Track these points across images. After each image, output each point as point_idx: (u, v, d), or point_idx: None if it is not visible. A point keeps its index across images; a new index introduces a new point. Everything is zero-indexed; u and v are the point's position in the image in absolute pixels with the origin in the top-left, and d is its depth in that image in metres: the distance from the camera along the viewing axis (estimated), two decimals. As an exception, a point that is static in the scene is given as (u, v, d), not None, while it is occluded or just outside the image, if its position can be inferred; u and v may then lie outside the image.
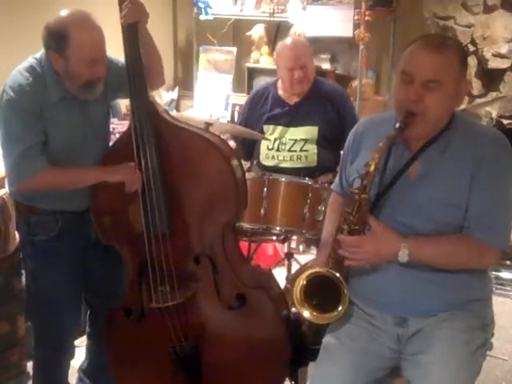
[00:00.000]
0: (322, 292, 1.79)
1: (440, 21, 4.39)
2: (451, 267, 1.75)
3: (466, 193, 1.72)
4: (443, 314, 1.79)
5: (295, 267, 2.96)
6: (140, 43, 2.08)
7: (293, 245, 3.36)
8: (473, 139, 1.76)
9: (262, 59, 4.94)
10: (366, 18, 4.12)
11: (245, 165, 2.92)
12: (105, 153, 2.23)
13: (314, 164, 3.06)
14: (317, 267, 1.85)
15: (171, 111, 4.66)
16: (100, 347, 2.36)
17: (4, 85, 2.07)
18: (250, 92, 3.58)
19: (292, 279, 2.66)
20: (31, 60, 2.12)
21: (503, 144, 1.77)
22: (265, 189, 2.52)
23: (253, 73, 4.93)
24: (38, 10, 3.60)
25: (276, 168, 3.05)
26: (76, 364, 2.57)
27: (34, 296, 2.32)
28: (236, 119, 4.86)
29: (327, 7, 4.48)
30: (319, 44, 4.43)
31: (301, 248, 3.99)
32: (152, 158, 2.07)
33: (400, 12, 4.61)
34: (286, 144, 3.07)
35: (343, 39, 4.52)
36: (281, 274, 2.79)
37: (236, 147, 3.14)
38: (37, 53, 2.13)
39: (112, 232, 2.19)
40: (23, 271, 2.44)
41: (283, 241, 2.94)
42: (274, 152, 3.10)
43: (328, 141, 3.05)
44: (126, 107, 4.01)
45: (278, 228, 2.55)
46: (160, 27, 5.13)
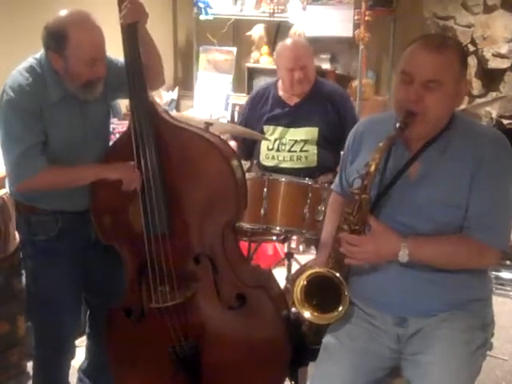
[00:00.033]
0: (323, 292, 1.79)
1: (440, 21, 4.39)
2: (451, 267, 1.75)
3: (466, 193, 1.72)
4: (443, 314, 1.79)
5: (295, 267, 2.96)
6: (139, 43, 2.08)
7: (293, 245, 3.36)
8: (473, 139, 1.76)
9: (262, 59, 4.94)
10: (366, 18, 4.12)
11: (245, 165, 2.92)
12: (105, 152, 2.23)
13: (314, 164, 3.05)
14: (317, 267, 1.85)
15: (171, 111, 4.66)
16: (100, 347, 2.36)
17: (4, 85, 2.07)
18: (250, 92, 3.58)
19: (292, 279, 2.66)
20: (31, 60, 2.12)
21: (503, 144, 1.77)
22: (265, 189, 2.52)
23: (253, 73, 4.93)
24: (38, 10, 3.60)
25: (276, 168, 3.05)
26: (76, 364, 2.57)
27: (35, 296, 2.32)
28: (236, 119, 4.87)
29: (327, 7, 4.48)
30: (319, 44, 4.43)
31: (301, 248, 3.99)
32: (152, 158, 2.07)
33: (400, 12, 4.61)
34: (286, 144, 3.07)
35: (343, 39, 4.52)
36: (281, 274, 2.79)
37: (236, 147, 3.13)
38: (37, 53, 2.13)
39: (112, 232, 2.19)
40: (23, 271, 2.44)
41: (283, 241, 2.94)
42: (274, 152, 3.10)
43: (328, 141, 3.04)
44: (126, 107, 4.01)
45: (278, 228, 2.56)
46: (160, 27, 5.13)
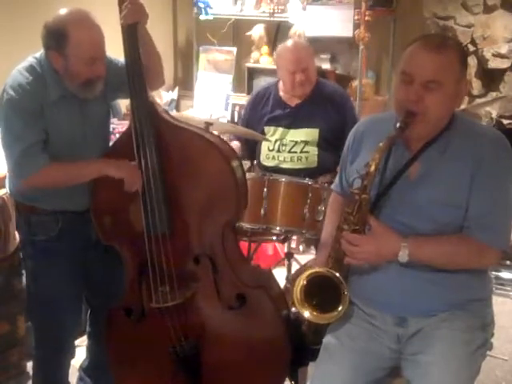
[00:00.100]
0: (322, 292, 1.79)
1: (440, 21, 4.39)
2: (451, 267, 1.75)
3: (466, 193, 1.72)
4: (443, 314, 1.79)
5: (295, 267, 2.96)
6: (139, 43, 2.08)
7: (293, 245, 3.36)
8: (473, 139, 1.76)
9: (262, 59, 4.94)
10: (366, 18, 4.12)
11: (245, 165, 2.92)
12: (105, 152, 2.23)
13: (315, 165, 3.05)
14: (317, 267, 1.84)
15: (171, 111, 4.66)
16: (101, 346, 2.35)
17: (4, 84, 2.07)
18: (250, 92, 3.57)
19: (292, 279, 2.66)
20: (31, 59, 2.12)
21: (503, 144, 1.77)
22: (265, 189, 2.52)
23: (253, 73, 4.93)
24: (38, 10, 3.60)
25: (276, 168, 3.05)
26: (76, 363, 2.57)
27: (35, 296, 2.32)
28: (236, 119, 4.88)
29: (327, 7, 4.48)
30: (319, 44, 4.43)
31: (301, 248, 3.99)
32: (152, 158, 2.07)
33: (400, 12, 4.61)
34: (287, 145, 3.06)
35: (343, 39, 4.52)
36: (281, 274, 2.79)
37: (240, 147, 3.13)
38: (37, 53, 2.13)
39: (112, 232, 2.19)
40: (23, 271, 2.44)
41: (283, 241, 2.94)
42: (275, 153, 3.10)
43: (329, 143, 3.03)
44: (126, 107, 4.01)
45: (278, 228, 2.55)
46: (160, 27, 5.13)
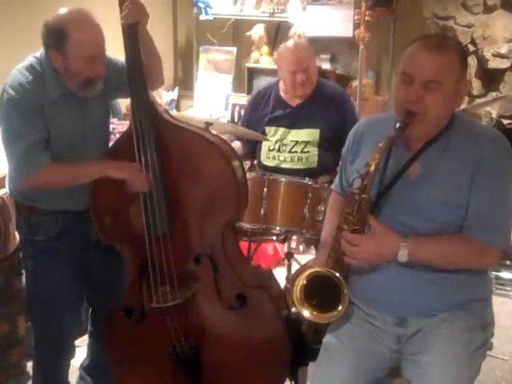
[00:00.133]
0: (322, 292, 1.79)
1: (440, 21, 4.39)
2: (451, 267, 1.75)
3: (466, 193, 1.72)
4: (443, 314, 1.79)
5: (295, 267, 2.96)
6: (140, 44, 2.08)
7: (293, 245, 3.36)
8: (473, 139, 1.76)
9: (262, 59, 4.94)
10: (366, 18, 4.12)
11: (245, 165, 2.92)
12: (105, 152, 2.23)
13: (315, 165, 3.05)
14: (317, 267, 1.85)
15: (171, 111, 4.65)
16: (102, 346, 2.35)
17: (4, 84, 2.07)
18: (250, 92, 3.57)
19: (292, 279, 2.66)
20: (31, 59, 2.12)
21: (503, 144, 1.77)
22: (265, 189, 2.52)
23: (253, 73, 4.92)
24: (38, 10, 3.59)
25: (276, 168, 3.05)
26: (76, 363, 2.58)
27: (35, 296, 2.32)
28: (236, 119, 4.87)
29: (327, 7, 4.48)
30: (319, 44, 4.43)
31: (301, 248, 3.99)
32: (152, 158, 2.07)
33: (400, 12, 4.61)
34: (287, 145, 3.06)
35: (343, 39, 4.52)
36: (281, 274, 2.79)
37: (241, 147, 3.13)
38: (36, 52, 2.13)
39: (112, 232, 2.19)
40: (23, 271, 2.44)
41: (283, 241, 2.94)
42: (275, 153, 3.10)
43: (329, 143, 3.03)
44: (126, 107, 4.01)
45: (278, 228, 2.55)
46: (160, 27, 5.13)
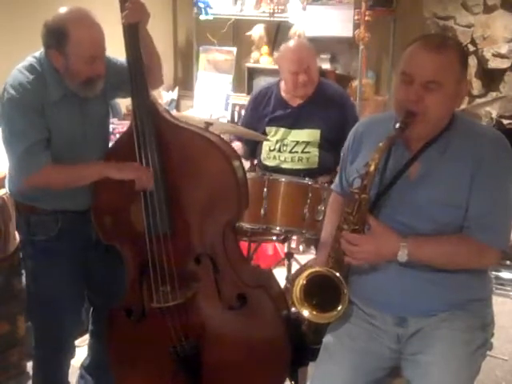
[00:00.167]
0: (322, 291, 1.79)
1: (440, 21, 4.39)
2: (451, 267, 1.75)
3: (466, 193, 1.72)
4: (443, 314, 1.79)
5: (295, 267, 2.96)
6: (140, 44, 2.08)
7: (293, 245, 3.36)
8: (473, 139, 1.76)
9: (262, 59, 4.94)
10: (366, 18, 4.12)
11: (245, 165, 2.92)
12: (106, 152, 2.23)
13: (315, 166, 3.04)
14: (317, 267, 1.85)
15: (171, 111, 4.65)
16: (103, 345, 2.35)
17: (4, 84, 2.07)
18: (250, 92, 3.56)
19: (292, 279, 2.66)
20: (31, 59, 2.12)
21: (503, 144, 1.77)
22: (265, 189, 2.52)
23: (253, 73, 4.93)
24: (38, 10, 3.59)
25: (277, 168, 3.05)
26: (76, 363, 2.58)
27: (35, 296, 2.32)
28: (236, 119, 4.87)
29: (327, 7, 4.48)
30: (319, 44, 4.42)
31: (301, 248, 3.99)
32: (153, 158, 2.07)
33: (400, 12, 4.61)
34: (288, 145, 3.06)
35: (343, 39, 4.52)
36: (281, 274, 2.79)
37: (241, 147, 3.13)
38: (36, 52, 2.13)
39: (113, 232, 2.19)
40: (23, 271, 2.44)
41: (283, 241, 2.94)
42: (276, 153, 3.09)
43: (330, 143, 3.03)
44: (126, 107, 4.02)
45: (278, 228, 2.55)
46: (160, 27, 5.13)
